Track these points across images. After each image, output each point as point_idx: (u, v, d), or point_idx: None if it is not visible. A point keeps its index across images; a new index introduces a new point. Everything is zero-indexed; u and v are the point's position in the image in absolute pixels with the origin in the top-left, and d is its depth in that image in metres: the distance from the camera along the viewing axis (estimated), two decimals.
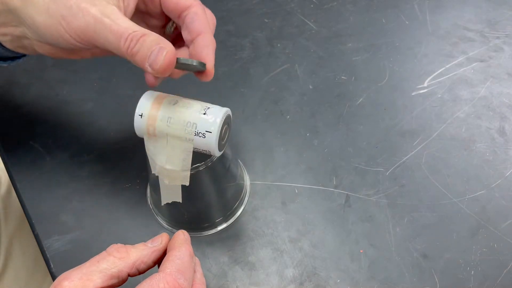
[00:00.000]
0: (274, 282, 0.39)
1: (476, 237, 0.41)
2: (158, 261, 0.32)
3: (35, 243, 0.42)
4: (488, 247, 0.40)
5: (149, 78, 0.35)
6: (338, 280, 0.39)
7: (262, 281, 0.39)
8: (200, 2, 0.36)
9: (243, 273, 0.39)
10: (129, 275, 0.30)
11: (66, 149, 0.47)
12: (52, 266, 0.40)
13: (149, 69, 0.32)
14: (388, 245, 0.40)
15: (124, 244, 0.40)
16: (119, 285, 0.30)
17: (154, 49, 0.31)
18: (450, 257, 0.40)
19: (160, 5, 0.37)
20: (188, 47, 0.37)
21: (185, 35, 0.36)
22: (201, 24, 0.35)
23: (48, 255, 0.41)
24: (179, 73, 0.36)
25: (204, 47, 0.35)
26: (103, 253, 0.30)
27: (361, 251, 0.40)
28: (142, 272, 0.31)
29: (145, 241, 0.32)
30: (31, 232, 0.43)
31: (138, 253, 0.30)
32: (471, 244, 0.40)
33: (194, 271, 0.31)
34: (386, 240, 0.41)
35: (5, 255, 0.58)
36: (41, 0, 0.32)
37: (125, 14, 0.34)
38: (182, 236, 0.32)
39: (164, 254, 0.32)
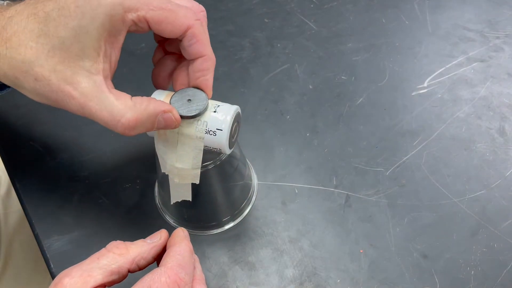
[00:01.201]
0: (274, 282, 0.39)
1: (476, 237, 0.41)
2: (158, 257, 0.32)
3: (35, 243, 0.42)
4: (488, 247, 0.40)
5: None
6: (338, 280, 0.39)
7: (262, 281, 0.39)
8: (199, 16, 0.34)
9: (243, 273, 0.39)
10: (129, 271, 0.30)
11: (66, 149, 0.47)
12: (52, 266, 0.40)
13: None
14: (388, 245, 0.40)
15: None
16: (119, 281, 0.30)
17: (159, 118, 0.31)
18: (450, 257, 0.40)
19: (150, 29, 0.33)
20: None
21: (184, 54, 0.34)
22: (200, 47, 0.33)
23: (48, 255, 0.41)
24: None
25: (202, 71, 0.34)
26: (103, 250, 0.30)
27: (361, 251, 0.40)
28: (142, 268, 0.31)
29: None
30: (31, 232, 0.43)
31: (137, 249, 0.31)
32: (471, 244, 0.40)
33: (194, 267, 0.31)
34: (386, 240, 0.41)
35: (5, 255, 0.58)
36: (26, 83, 0.31)
37: (111, 68, 0.32)
38: (182, 233, 0.32)
39: (163, 250, 0.32)
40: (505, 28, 0.57)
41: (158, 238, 0.32)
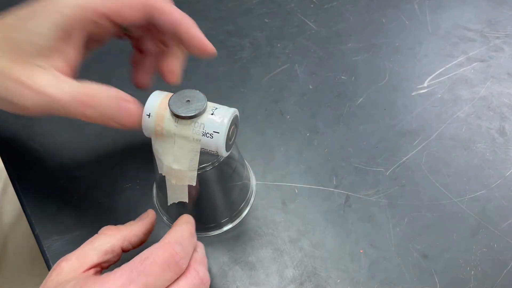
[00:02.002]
0: (274, 282, 0.39)
1: (476, 237, 0.41)
2: (149, 234, 0.34)
3: (32, 242, 0.42)
4: (488, 247, 0.40)
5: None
6: (338, 280, 0.39)
7: (262, 281, 0.39)
8: None
9: (243, 273, 0.39)
10: (123, 250, 0.32)
11: (66, 149, 0.47)
12: (52, 266, 0.40)
13: (115, 125, 0.32)
14: (388, 245, 0.40)
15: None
16: (114, 260, 0.32)
17: (120, 105, 0.31)
18: (450, 257, 0.40)
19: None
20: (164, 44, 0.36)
21: (169, 37, 0.35)
22: (168, 16, 0.33)
23: (48, 255, 0.41)
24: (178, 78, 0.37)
25: (188, 31, 0.34)
26: (96, 235, 0.32)
27: (361, 251, 0.40)
28: (135, 245, 0.33)
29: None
30: (28, 232, 0.43)
31: (127, 228, 0.33)
32: (471, 244, 0.40)
33: (196, 251, 0.32)
34: (386, 240, 0.41)
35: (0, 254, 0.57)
36: None
37: (71, 67, 0.33)
38: (186, 217, 0.34)
39: (153, 227, 0.35)
40: (505, 28, 0.57)
41: (145, 216, 0.35)
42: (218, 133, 0.32)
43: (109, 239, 0.32)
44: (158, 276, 0.28)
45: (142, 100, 0.34)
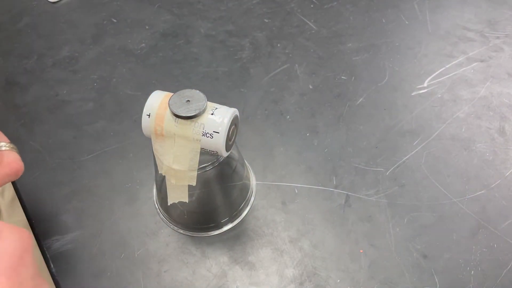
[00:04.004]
0: (274, 282, 0.39)
1: (476, 237, 0.41)
2: None
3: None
4: (488, 247, 0.40)
5: None
6: (338, 280, 0.39)
7: (262, 281, 0.39)
8: None
9: (243, 273, 0.39)
10: None
11: (66, 149, 0.47)
12: (52, 266, 0.40)
13: None
14: (388, 245, 0.40)
15: (124, 243, 0.40)
16: None
17: None
18: (450, 257, 0.40)
19: None
20: None
21: None
22: None
23: (48, 255, 0.41)
24: None
25: None
26: None
27: (361, 251, 0.40)
28: None
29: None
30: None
31: None
32: (471, 244, 0.40)
33: None
34: (386, 240, 0.41)
35: None
36: None
37: None
38: None
39: None
40: (505, 28, 0.57)
41: None
42: (218, 133, 0.32)
43: None
44: None
45: (143, 100, 0.34)
